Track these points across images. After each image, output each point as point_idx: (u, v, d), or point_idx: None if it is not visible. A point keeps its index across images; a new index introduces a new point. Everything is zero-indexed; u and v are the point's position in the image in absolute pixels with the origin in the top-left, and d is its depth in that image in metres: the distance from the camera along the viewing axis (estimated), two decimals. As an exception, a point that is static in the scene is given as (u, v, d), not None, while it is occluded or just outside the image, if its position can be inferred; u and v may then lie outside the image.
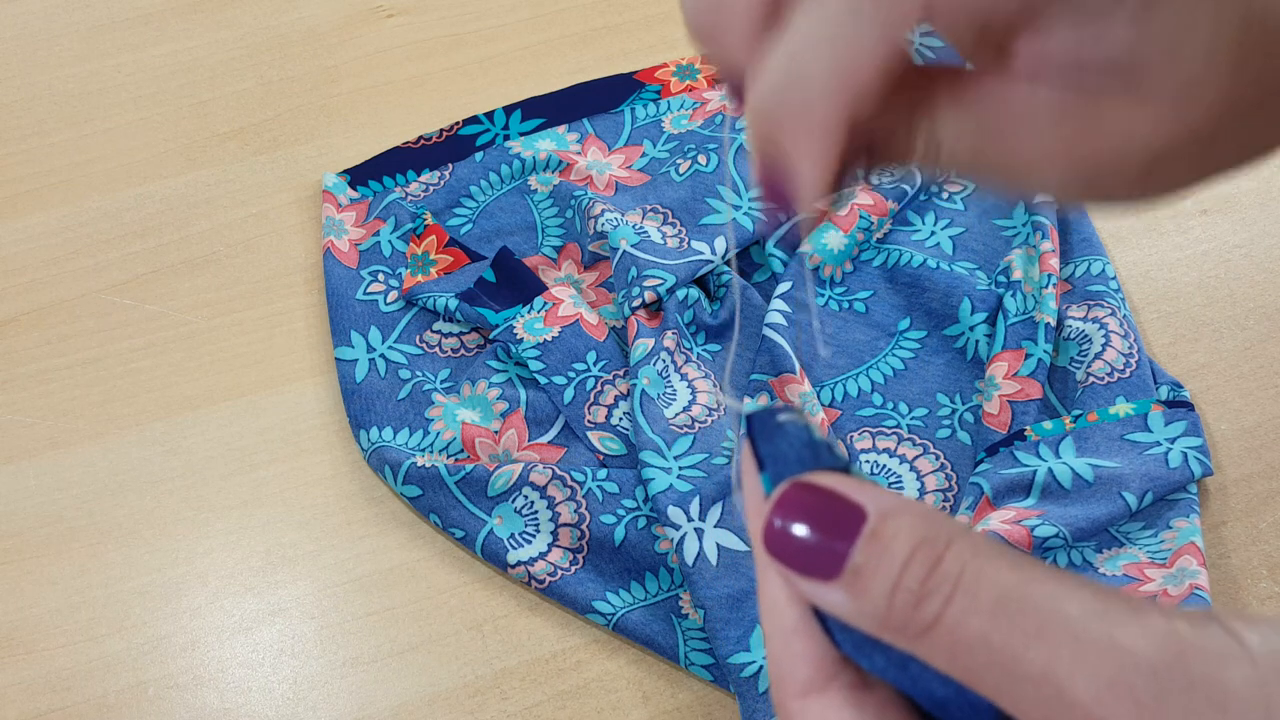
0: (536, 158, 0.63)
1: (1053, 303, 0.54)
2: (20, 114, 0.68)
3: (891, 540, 0.20)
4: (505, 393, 0.54)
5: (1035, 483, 0.49)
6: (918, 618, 0.20)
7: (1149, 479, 0.49)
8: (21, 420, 0.56)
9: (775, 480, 0.22)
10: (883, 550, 0.20)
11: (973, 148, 0.24)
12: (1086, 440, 0.51)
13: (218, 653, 0.49)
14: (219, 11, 0.73)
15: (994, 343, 0.54)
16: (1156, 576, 0.47)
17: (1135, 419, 0.51)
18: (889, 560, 0.20)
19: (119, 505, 0.53)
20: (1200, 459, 0.50)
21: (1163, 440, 0.51)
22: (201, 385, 0.57)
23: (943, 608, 0.20)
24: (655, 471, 0.51)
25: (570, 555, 0.50)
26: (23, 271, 0.61)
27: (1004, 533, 0.47)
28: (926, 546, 0.20)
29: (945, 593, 0.20)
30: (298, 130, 0.67)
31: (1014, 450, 0.51)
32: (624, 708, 0.47)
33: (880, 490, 0.21)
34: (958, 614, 0.19)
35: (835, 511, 0.21)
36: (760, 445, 0.22)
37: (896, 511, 0.21)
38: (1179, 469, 0.49)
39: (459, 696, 0.48)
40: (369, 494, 0.53)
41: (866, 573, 0.20)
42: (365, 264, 0.60)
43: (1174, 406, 0.52)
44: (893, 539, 0.20)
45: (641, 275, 0.56)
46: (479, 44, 0.71)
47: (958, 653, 0.19)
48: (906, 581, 0.20)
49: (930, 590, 0.20)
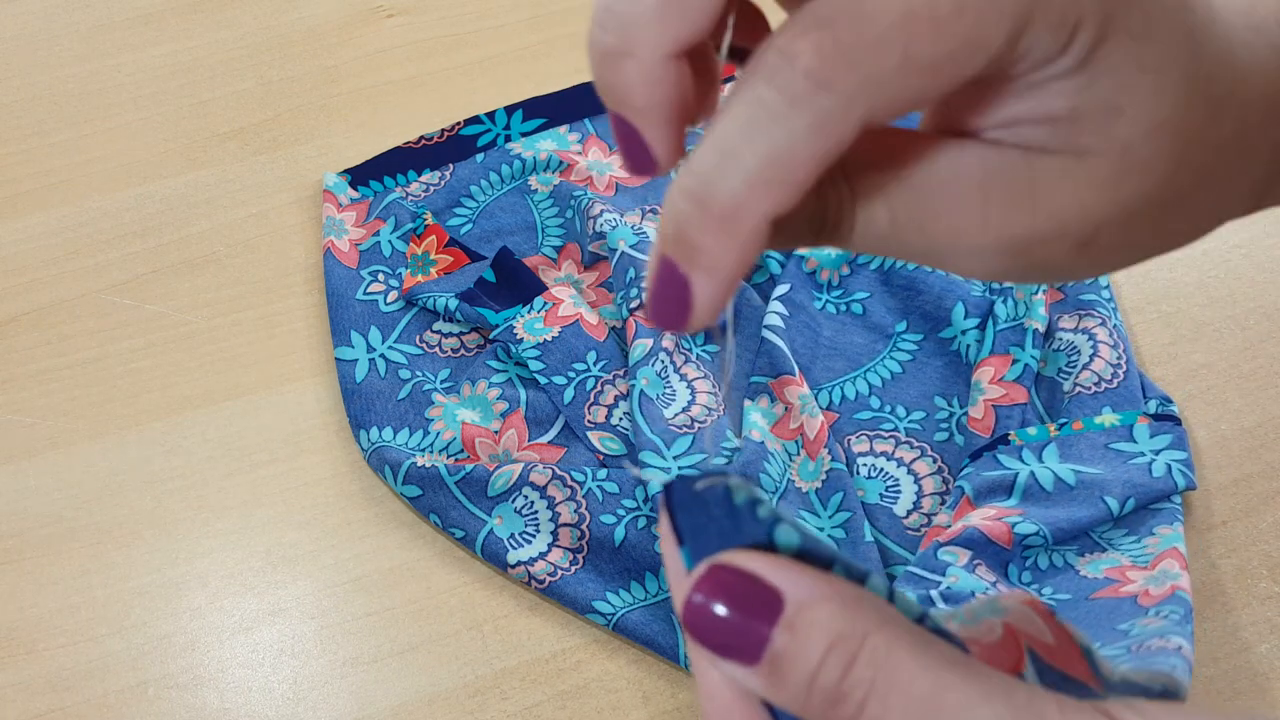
0: (537, 158, 0.63)
1: (1042, 309, 0.54)
2: (20, 114, 0.68)
3: (808, 634, 0.20)
4: (505, 393, 0.54)
5: (1017, 484, 0.49)
6: (836, 715, 0.20)
7: (1131, 485, 0.49)
8: (21, 420, 0.56)
9: (695, 556, 0.21)
10: (800, 645, 0.20)
11: (890, 219, 0.22)
12: (1070, 447, 0.51)
13: (218, 653, 0.49)
14: (219, 11, 0.73)
15: (982, 347, 0.54)
16: (1138, 578, 0.47)
17: (1121, 429, 0.51)
18: (805, 655, 0.20)
19: (119, 505, 0.53)
20: (1184, 472, 0.50)
21: (1147, 451, 0.50)
22: (201, 385, 0.57)
23: (857, 713, 0.20)
24: (654, 472, 0.51)
25: (570, 555, 0.50)
26: (23, 271, 0.61)
27: (985, 529, 0.47)
28: (841, 644, 0.20)
29: (858, 698, 0.20)
30: (298, 130, 0.67)
31: (997, 454, 0.51)
32: (624, 708, 0.47)
33: (800, 571, 0.21)
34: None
35: (753, 595, 0.20)
36: (679, 518, 0.21)
37: (813, 601, 0.20)
38: (1162, 479, 0.49)
39: (459, 696, 0.48)
40: (369, 494, 0.53)
41: (785, 663, 0.20)
42: (365, 264, 0.60)
43: (1161, 420, 0.51)
44: (809, 633, 0.20)
45: (640, 276, 0.56)
46: (479, 44, 0.71)
47: None
48: (822, 680, 0.20)
49: (845, 693, 0.20)
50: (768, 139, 0.19)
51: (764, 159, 0.19)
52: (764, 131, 0.19)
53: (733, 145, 0.19)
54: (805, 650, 0.20)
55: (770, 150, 0.19)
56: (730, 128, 0.19)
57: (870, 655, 0.20)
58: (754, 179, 0.19)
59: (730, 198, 0.19)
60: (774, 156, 0.19)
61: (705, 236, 0.20)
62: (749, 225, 0.19)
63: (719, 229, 0.19)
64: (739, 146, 0.19)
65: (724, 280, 0.20)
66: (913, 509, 0.51)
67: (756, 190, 0.19)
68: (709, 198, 0.19)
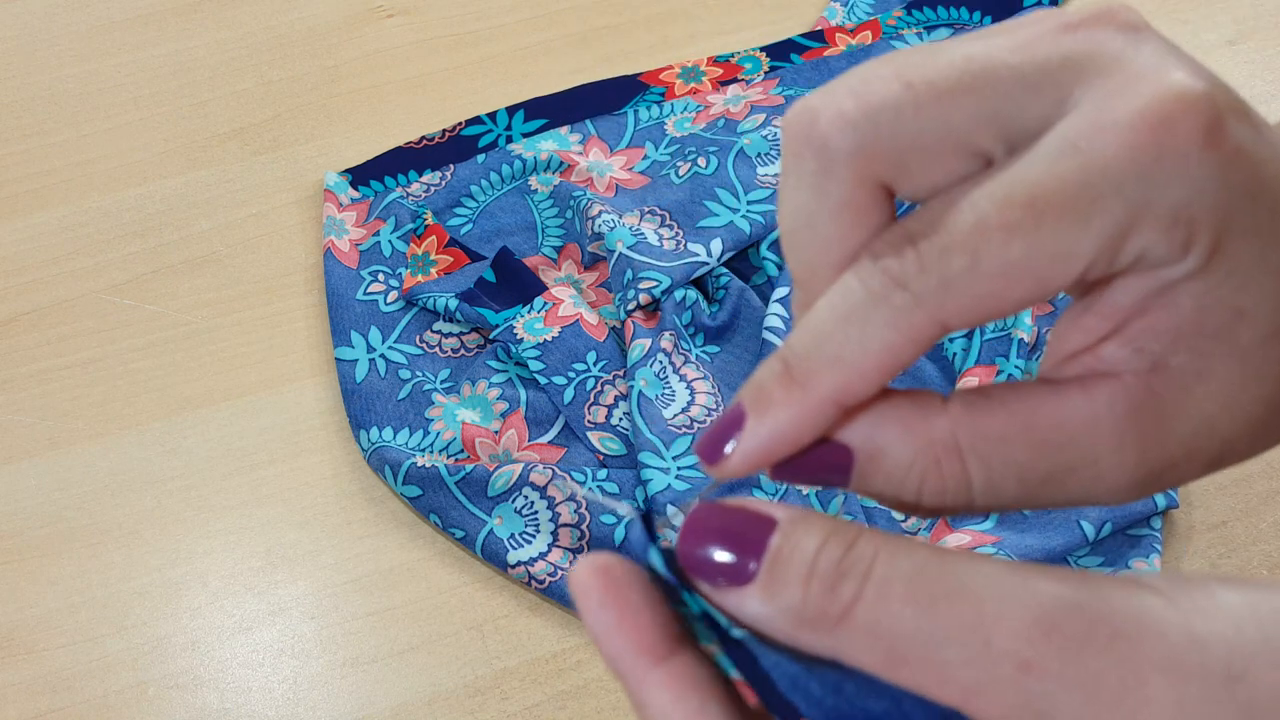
0: (538, 158, 0.63)
1: (1029, 319, 0.54)
2: (20, 114, 0.68)
3: (804, 534, 0.21)
4: (505, 393, 0.54)
5: None
6: (835, 602, 0.20)
7: (1108, 509, 0.48)
8: (21, 420, 0.56)
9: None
10: (795, 543, 0.20)
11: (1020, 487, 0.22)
12: None
13: (218, 653, 0.49)
14: (219, 11, 0.73)
15: (968, 357, 0.54)
16: None
17: None
18: (801, 550, 0.20)
19: (119, 505, 0.53)
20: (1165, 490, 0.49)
21: None
22: (201, 385, 0.57)
23: (860, 586, 0.20)
24: (653, 472, 0.51)
25: (570, 555, 0.50)
26: (23, 271, 0.61)
27: None
28: (837, 535, 0.20)
29: (862, 570, 0.20)
30: (298, 130, 0.67)
31: None
32: (624, 708, 0.47)
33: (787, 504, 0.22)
34: (878, 587, 0.19)
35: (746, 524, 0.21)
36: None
37: (806, 515, 0.21)
38: (1142, 500, 0.49)
39: (459, 696, 0.48)
40: (369, 494, 0.53)
41: (780, 563, 0.20)
42: (365, 264, 0.60)
43: None
44: (805, 533, 0.21)
45: (637, 277, 0.56)
46: (479, 44, 0.71)
47: (881, 632, 0.19)
48: (821, 565, 0.20)
49: (846, 570, 0.20)
50: (846, 325, 0.21)
51: (840, 342, 0.21)
52: (845, 318, 0.21)
53: (820, 325, 0.21)
54: (801, 546, 0.20)
55: (846, 335, 0.21)
56: (823, 310, 0.21)
57: (869, 539, 0.20)
58: (830, 356, 0.21)
59: (808, 367, 0.21)
60: (849, 341, 0.21)
61: (777, 389, 0.21)
62: (816, 395, 0.21)
63: (790, 387, 0.21)
64: (825, 327, 0.21)
65: (772, 436, 0.22)
66: None
67: (831, 366, 0.21)
68: (793, 362, 0.21)
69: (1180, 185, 0.20)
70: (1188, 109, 0.20)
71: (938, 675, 0.19)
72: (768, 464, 0.22)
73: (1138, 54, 0.20)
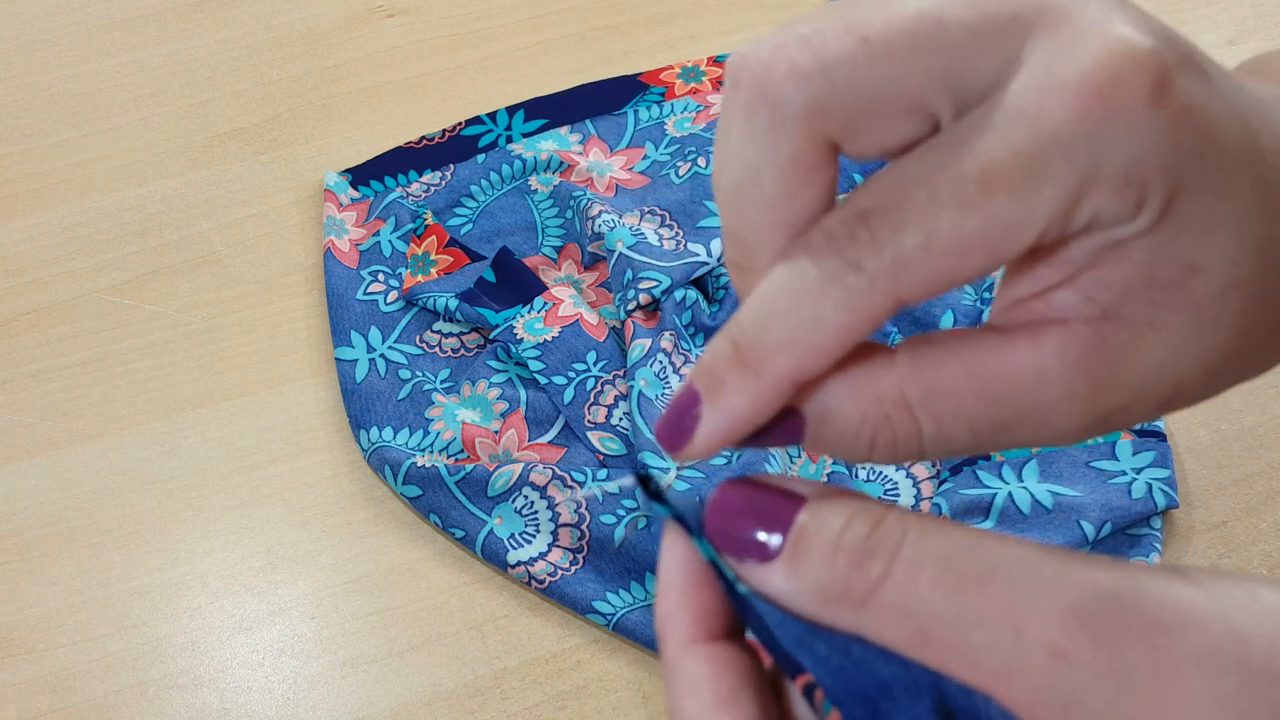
0: (538, 158, 0.63)
1: None
2: (20, 114, 0.68)
3: (830, 511, 0.20)
4: (505, 393, 0.54)
5: (994, 506, 0.49)
6: (862, 579, 0.20)
7: (1109, 509, 0.49)
8: (21, 420, 0.56)
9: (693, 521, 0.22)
10: (821, 520, 0.20)
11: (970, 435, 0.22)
12: (1051, 464, 0.51)
13: (218, 653, 0.49)
14: (219, 11, 0.73)
15: None
16: None
17: (1103, 445, 0.51)
18: (827, 526, 0.20)
19: (119, 505, 0.53)
20: (1165, 490, 0.49)
21: (1129, 470, 0.50)
22: (201, 385, 0.57)
23: (889, 565, 0.19)
24: (653, 472, 0.51)
25: (570, 555, 0.50)
26: (23, 271, 0.61)
27: None
28: (863, 513, 0.20)
29: (890, 549, 0.20)
30: (298, 130, 0.67)
31: (977, 469, 0.51)
32: (624, 708, 0.47)
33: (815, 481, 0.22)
34: (907, 568, 0.19)
35: (774, 501, 0.21)
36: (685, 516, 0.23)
37: (834, 493, 0.21)
38: (1142, 500, 0.49)
39: (459, 696, 0.48)
40: (369, 494, 0.53)
41: (806, 538, 0.20)
42: (365, 264, 0.60)
43: (1145, 436, 0.51)
44: (831, 510, 0.21)
45: (637, 277, 0.56)
46: (479, 44, 0.71)
47: (909, 612, 0.19)
48: (848, 540, 0.20)
49: (873, 548, 0.20)
50: (799, 308, 0.20)
51: (793, 324, 0.20)
52: (798, 300, 0.20)
53: (771, 306, 0.21)
54: (829, 519, 0.20)
55: (799, 318, 0.20)
56: (773, 290, 0.21)
57: (899, 516, 0.20)
58: (783, 339, 0.20)
59: (760, 350, 0.21)
60: (802, 324, 0.20)
61: (730, 375, 0.21)
62: (771, 378, 0.21)
63: (743, 371, 0.21)
64: (777, 308, 0.21)
65: (731, 421, 0.21)
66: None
67: (784, 349, 0.20)
68: (744, 345, 0.21)
69: (1129, 146, 0.19)
70: (1135, 67, 0.19)
71: (966, 658, 0.19)
72: (728, 446, 0.22)
73: (1085, 7, 0.20)
